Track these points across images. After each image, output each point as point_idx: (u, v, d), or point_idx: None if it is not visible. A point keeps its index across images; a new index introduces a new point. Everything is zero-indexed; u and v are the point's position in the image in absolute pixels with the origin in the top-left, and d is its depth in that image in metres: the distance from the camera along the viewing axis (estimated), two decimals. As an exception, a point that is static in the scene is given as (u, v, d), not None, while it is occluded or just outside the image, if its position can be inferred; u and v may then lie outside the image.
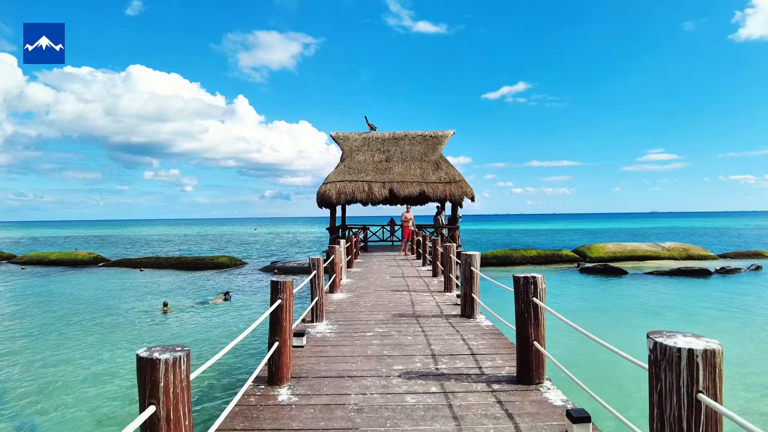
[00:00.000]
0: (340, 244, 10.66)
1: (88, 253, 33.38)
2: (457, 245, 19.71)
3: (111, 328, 13.46)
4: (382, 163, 20.21)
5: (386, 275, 11.54)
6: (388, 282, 10.30)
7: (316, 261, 6.46)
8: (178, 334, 12.44)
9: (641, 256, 29.56)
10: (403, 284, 9.95)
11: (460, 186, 19.16)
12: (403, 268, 13.12)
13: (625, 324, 13.44)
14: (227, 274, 25.89)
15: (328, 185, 19.26)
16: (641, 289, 19.67)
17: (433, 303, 7.81)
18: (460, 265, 6.79)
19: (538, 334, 4.13)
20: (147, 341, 12.05)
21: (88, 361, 10.20)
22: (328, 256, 8.94)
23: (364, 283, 10.14)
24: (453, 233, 19.97)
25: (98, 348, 11.29)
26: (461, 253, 6.76)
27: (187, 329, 13.25)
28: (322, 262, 6.53)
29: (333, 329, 6.13)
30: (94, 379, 8.84)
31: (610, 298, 17.54)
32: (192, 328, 13.28)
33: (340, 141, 21.30)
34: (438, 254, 10.99)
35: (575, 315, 14.53)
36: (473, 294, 6.65)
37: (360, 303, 7.91)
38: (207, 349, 10.81)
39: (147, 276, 25.97)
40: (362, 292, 9.05)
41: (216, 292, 19.38)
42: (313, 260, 6.49)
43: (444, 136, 21.29)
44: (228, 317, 14.80)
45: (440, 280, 10.38)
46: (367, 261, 15.29)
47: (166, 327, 13.60)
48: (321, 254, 24.60)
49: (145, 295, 19.54)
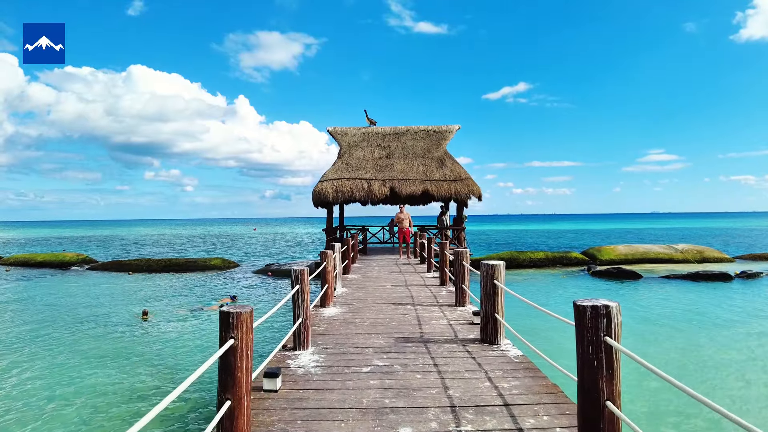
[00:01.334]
0: (334, 249, 9.33)
1: (76, 255, 32.06)
2: (447, 243, 18.37)
3: (82, 340, 12.12)
4: (383, 160, 18.87)
5: (387, 283, 10.21)
6: (389, 292, 8.97)
7: (299, 274, 5.12)
8: (148, 351, 11.07)
9: (654, 259, 28.22)
10: (407, 295, 8.61)
11: (466, 184, 17.82)
12: (405, 274, 11.78)
13: (656, 337, 12.09)
14: (219, 277, 24.55)
15: (324, 183, 17.93)
16: (660, 294, 18.33)
17: (444, 322, 6.47)
18: (481, 278, 5.45)
19: (613, 390, 2.80)
20: (117, 356, 10.71)
21: (52, 380, 8.85)
22: (319, 263, 7.61)
23: (362, 294, 8.81)
24: (458, 235, 18.64)
25: (62, 366, 9.95)
26: (481, 263, 5.43)
27: (165, 341, 11.92)
28: (307, 275, 5.19)
29: (320, 361, 4.80)
30: (50, 405, 7.50)
31: (628, 306, 16.19)
32: (171, 341, 11.94)
33: (338, 136, 19.97)
34: (446, 260, 9.66)
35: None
36: (497, 314, 5.31)
37: (356, 321, 6.57)
38: (180, 365, 9.48)
39: (135, 279, 24.65)
40: (359, 305, 7.71)
41: (206, 295, 18.02)
42: (296, 272, 5.15)
43: (449, 131, 19.96)
44: (215, 327, 13.46)
45: (450, 291, 9.05)
46: (366, 266, 13.96)
47: (141, 338, 12.24)
48: (316, 257, 23.24)
49: (128, 300, 18.21)
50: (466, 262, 7.43)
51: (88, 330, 13.40)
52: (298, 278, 5.15)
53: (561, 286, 20.27)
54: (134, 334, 12.85)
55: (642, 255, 28.52)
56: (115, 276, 26.25)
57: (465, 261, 7.43)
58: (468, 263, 7.44)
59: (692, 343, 11.45)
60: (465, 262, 7.43)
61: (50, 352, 11.02)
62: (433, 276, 11.22)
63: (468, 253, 7.50)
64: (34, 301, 18.21)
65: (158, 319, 14.73)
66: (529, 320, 11.98)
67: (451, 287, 9.41)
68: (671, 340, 11.75)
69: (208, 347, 11.12)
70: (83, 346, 11.54)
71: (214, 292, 20.03)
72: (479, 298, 5.94)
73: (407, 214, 16.34)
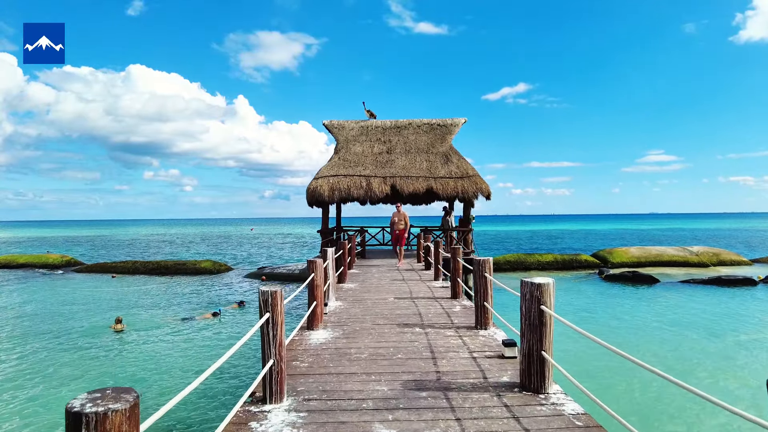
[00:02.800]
0: (326, 256, 7.85)
1: (60, 256, 30.57)
2: (470, 250, 16.91)
3: (43, 356, 10.63)
4: (383, 155, 17.39)
5: (389, 295, 8.74)
6: (392, 308, 7.49)
7: (269, 298, 3.65)
8: (112, 372, 9.57)
9: (668, 262, 26.79)
10: (414, 312, 7.14)
11: (473, 181, 16.35)
12: (409, 283, 10.31)
13: (683, 349, 10.63)
14: (208, 281, 23.06)
15: (319, 180, 16.44)
16: (682, 301, 16.89)
17: (466, 353, 5.00)
18: (522, 302, 3.99)
19: None
20: (81, 376, 9.23)
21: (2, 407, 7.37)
22: (308, 273, 6.13)
23: (359, 310, 7.33)
24: (465, 236, 17.16)
25: (16, 387, 8.46)
26: (524, 282, 3.96)
27: (137, 359, 10.43)
28: (281, 298, 3.70)
29: (297, 425, 3.33)
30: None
31: (648, 313, 14.74)
32: (145, 358, 10.46)
33: (335, 130, 18.49)
34: (458, 269, 8.19)
35: (615, 336, 11.73)
36: (544, 351, 3.85)
37: (351, 352, 5.10)
38: (151, 392, 7.99)
39: (118, 283, 23.17)
40: (355, 327, 6.23)
41: (192, 302, 16.47)
42: (266, 296, 3.67)
43: (454, 124, 18.48)
44: (198, 340, 11.97)
45: (464, 306, 7.58)
46: (365, 272, 12.49)
47: (108, 354, 10.75)
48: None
49: (104, 307, 16.74)
50: (489, 273, 5.97)
51: (53, 342, 11.93)
52: (269, 304, 3.67)
53: (575, 292, 18.81)
54: (101, 348, 11.36)
55: (655, 258, 27.09)
56: (97, 279, 24.77)
57: (487, 272, 5.96)
58: (491, 274, 5.97)
59: (726, 357, 10.00)
60: (487, 273, 5.96)
61: (4, 371, 9.53)
62: (441, 286, 9.75)
63: (491, 262, 6.03)
64: (2, 307, 16.70)
65: (134, 330, 13.27)
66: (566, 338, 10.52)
67: (465, 301, 7.95)
68: (705, 353, 10.30)
69: (189, 368, 9.64)
70: (45, 363, 10.05)
71: (201, 297, 18.55)
72: (502, 316, 4.50)
73: (405, 214, 13.97)
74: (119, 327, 13.45)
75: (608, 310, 15.46)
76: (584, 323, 12.92)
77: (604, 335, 11.37)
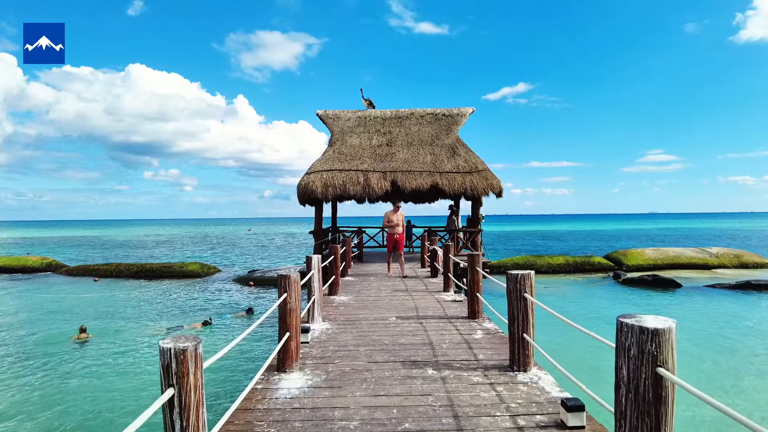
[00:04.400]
0: (311, 265, 6.18)
1: (40, 259, 28.89)
2: (480, 253, 15.21)
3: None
4: (383, 148, 15.72)
5: (390, 312, 7.07)
6: (394, 333, 5.82)
7: (176, 360, 1.99)
8: (59, 391, 7.86)
9: (687, 264, 25.12)
10: (423, 340, 5.46)
11: (483, 176, 14.68)
12: (414, 295, 8.64)
13: (729, 364, 8.93)
14: (193, 286, 21.39)
15: (311, 176, 14.77)
16: (712, 308, 15.23)
17: (506, 418, 3.33)
18: (623, 359, 2.32)
19: None
20: (28, 397, 7.56)
21: None
22: (281, 291, 4.45)
23: (351, 337, 5.66)
24: (474, 238, 15.50)
25: None
26: (625, 325, 2.30)
27: (97, 374, 8.77)
28: (195, 361, 2.04)
29: None
30: None
31: (680, 324, 13.08)
32: (108, 375, 8.80)
33: (329, 120, 16.81)
34: (479, 282, 6.53)
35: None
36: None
37: (334, 418, 3.42)
38: (105, 418, 6.33)
39: (98, 287, 21.54)
40: (344, 368, 4.56)
41: (173, 309, 14.76)
42: (170, 355, 2.01)
43: (461, 114, 16.80)
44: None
45: (486, 330, 5.90)
46: (362, 280, 10.82)
47: (62, 369, 9.07)
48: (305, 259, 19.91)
49: (77, 314, 15.18)
50: (531, 292, 4.30)
51: (7, 354, 10.28)
52: (173, 375, 2.00)
53: (592, 299, 17.14)
54: (57, 361, 9.71)
55: (673, 260, 25.43)
56: (77, 282, 23.11)
57: (528, 291, 4.30)
58: (533, 295, 4.31)
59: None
60: (528, 293, 4.29)
61: None
62: (453, 299, 8.07)
63: (532, 278, 4.36)
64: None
65: (101, 341, 11.65)
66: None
67: (487, 323, 6.28)
68: (756, 372, 8.60)
69: (155, 391, 7.97)
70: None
71: (185, 303, 16.90)
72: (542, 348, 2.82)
73: (402, 215, 11.50)
74: (83, 337, 11.95)
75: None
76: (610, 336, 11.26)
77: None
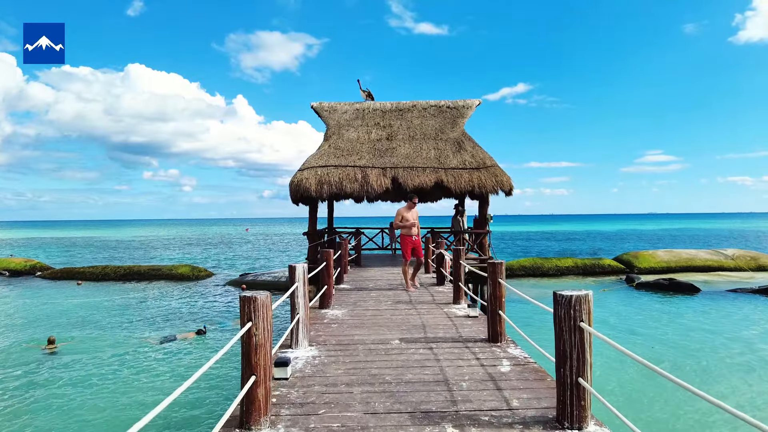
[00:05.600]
0: (295, 277, 4.95)
1: (24, 261, 27.66)
2: (488, 257, 14.03)
3: None
4: (382, 142, 14.50)
5: (392, 332, 5.84)
6: (398, 365, 4.60)
7: None
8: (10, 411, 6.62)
9: (701, 267, 23.93)
10: (435, 375, 4.23)
11: (492, 173, 13.46)
12: (420, 308, 7.42)
13: None
14: (181, 289, 20.16)
15: (305, 172, 13.55)
16: (740, 315, 14.04)
17: None
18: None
19: None
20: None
21: None
22: (244, 319, 3.21)
23: (344, 369, 4.43)
24: (481, 240, 14.28)
25: None
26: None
27: (58, 393, 7.54)
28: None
29: None
30: None
31: (713, 334, 11.88)
32: (70, 395, 7.57)
33: (324, 113, 15.59)
34: (502, 297, 5.29)
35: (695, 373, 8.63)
36: None
37: None
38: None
39: (81, 291, 20.34)
40: (333, 423, 3.32)
41: (152, 316, 13.44)
42: None
43: (467, 106, 15.59)
44: (150, 371, 9.07)
45: (514, 359, 4.66)
46: (359, 288, 9.60)
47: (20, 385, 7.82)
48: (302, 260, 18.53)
49: (52, 321, 13.97)
50: (588, 321, 3.08)
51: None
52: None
53: (608, 305, 15.92)
54: (20, 374, 8.48)
55: (686, 262, 24.24)
56: (60, 286, 21.90)
57: (586, 320, 3.07)
58: (591, 324, 3.09)
59: None
60: (586, 321, 3.07)
61: None
62: (467, 314, 6.82)
63: (590, 301, 3.13)
64: None
65: (71, 353, 10.48)
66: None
67: (512, 348, 5.04)
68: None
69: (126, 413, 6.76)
70: None
71: (170, 309, 15.67)
72: None
73: (417, 213, 9.11)
74: (51, 348, 10.96)
75: (661, 330, 12.57)
76: (636, 348, 10.05)
77: (684, 374, 8.51)
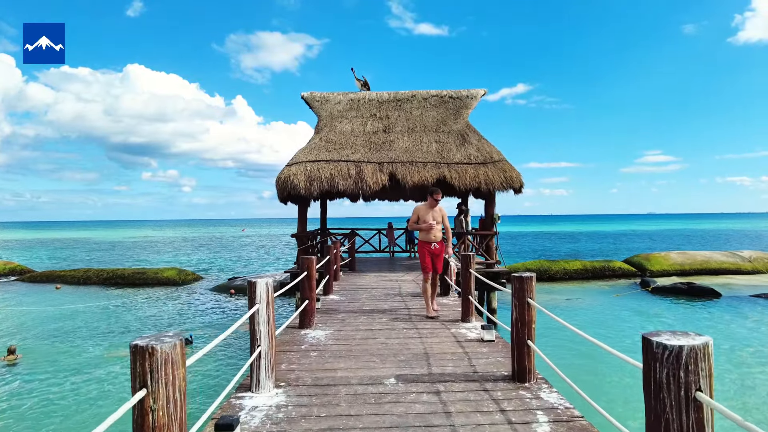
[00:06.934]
0: (255, 297, 3.66)
1: (3, 263, 26.34)
2: (495, 261, 12.74)
3: None
4: (379, 135, 13.21)
5: (386, 366, 4.54)
6: (392, 422, 3.30)
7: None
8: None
9: (717, 270, 22.66)
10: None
11: (501, 168, 12.18)
12: (420, 327, 6.13)
13: None
14: (165, 295, 18.86)
15: (292, 167, 12.26)
16: None
17: None
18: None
19: None
20: None
21: None
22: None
23: (317, 430, 3.13)
24: (487, 242, 12.98)
25: None
26: None
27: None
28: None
29: None
30: None
31: (751, 344, 10.58)
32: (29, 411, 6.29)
33: (316, 104, 14.30)
34: (531, 320, 3.97)
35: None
36: None
37: None
38: None
39: (59, 295, 19.06)
40: None
41: (130, 324, 12.09)
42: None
43: (471, 96, 14.31)
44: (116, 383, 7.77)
45: (555, 414, 3.34)
46: (350, 300, 8.30)
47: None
48: (293, 262, 17.16)
49: (20, 328, 12.75)
50: (708, 388, 1.78)
51: None
52: None
53: (622, 312, 14.63)
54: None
55: (701, 265, 22.96)
56: (37, 290, 20.62)
57: (703, 387, 1.77)
58: (712, 393, 1.79)
59: None
60: (704, 391, 1.77)
61: None
62: (479, 338, 5.52)
63: (709, 356, 1.84)
64: None
65: (34, 364, 9.23)
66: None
67: (546, 393, 3.73)
68: None
69: None
70: None
71: (151, 316, 14.36)
72: None
73: (442, 212, 6.78)
74: (11, 359, 9.86)
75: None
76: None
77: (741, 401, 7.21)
